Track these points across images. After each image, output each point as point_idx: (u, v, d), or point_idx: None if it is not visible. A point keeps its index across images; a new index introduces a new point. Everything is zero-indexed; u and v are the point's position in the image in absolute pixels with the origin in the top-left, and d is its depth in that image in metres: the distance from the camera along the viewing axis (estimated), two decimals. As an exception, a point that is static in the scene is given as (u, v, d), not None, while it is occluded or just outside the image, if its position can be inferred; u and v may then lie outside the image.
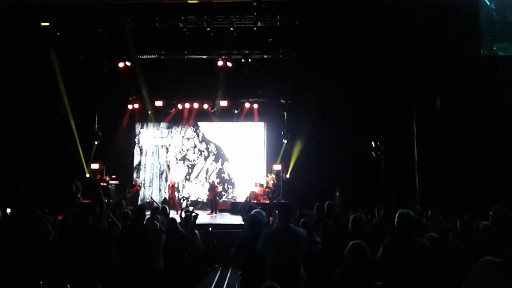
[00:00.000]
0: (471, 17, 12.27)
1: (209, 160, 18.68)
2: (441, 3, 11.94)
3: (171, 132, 18.84)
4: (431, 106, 13.24)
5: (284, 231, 4.73)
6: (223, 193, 18.06)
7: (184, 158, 18.71)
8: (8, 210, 8.20)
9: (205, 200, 17.41)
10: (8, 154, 13.70)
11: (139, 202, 16.16)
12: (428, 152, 13.03)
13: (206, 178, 18.35)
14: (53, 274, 4.41)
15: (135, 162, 18.65)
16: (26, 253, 4.57)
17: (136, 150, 18.78)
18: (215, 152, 18.72)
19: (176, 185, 17.12)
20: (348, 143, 14.39)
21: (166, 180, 17.25)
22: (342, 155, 14.42)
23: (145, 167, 18.73)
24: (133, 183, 17.14)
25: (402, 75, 13.34)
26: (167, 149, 18.82)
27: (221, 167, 18.60)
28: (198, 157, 18.72)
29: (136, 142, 18.78)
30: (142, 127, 18.87)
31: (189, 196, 18.28)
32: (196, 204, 17.52)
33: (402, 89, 13.49)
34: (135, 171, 18.50)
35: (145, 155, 18.80)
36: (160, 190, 18.47)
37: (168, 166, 18.55)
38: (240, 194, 17.57)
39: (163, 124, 18.72)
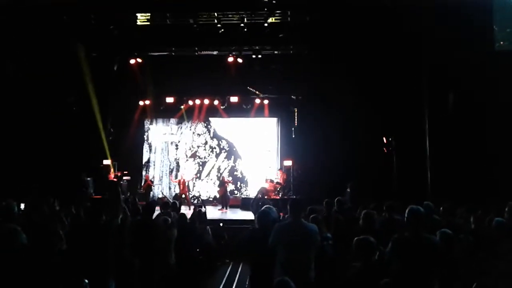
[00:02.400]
0: (485, 10, 12.11)
1: (221, 157, 18.46)
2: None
3: (181, 128, 18.69)
4: (443, 102, 13.12)
5: (295, 226, 4.74)
6: (235, 191, 17.90)
7: (194, 155, 18.52)
8: (22, 206, 8.33)
9: (217, 196, 17.27)
10: (21, 150, 13.87)
11: (151, 198, 16.26)
12: (440, 148, 12.92)
13: (217, 176, 18.02)
14: (67, 270, 4.45)
15: (144, 159, 18.53)
16: (39, 249, 4.60)
17: (145, 147, 18.66)
18: (227, 149, 18.48)
19: (187, 183, 16.97)
20: (359, 139, 14.32)
21: (176, 177, 17.27)
22: (353, 151, 14.35)
23: (154, 164, 18.59)
24: (144, 178, 17.22)
25: (414, 71, 13.23)
26: (176, 145, 18.64)
27: (233, 164, 18.37)
28: (209, 154, 18.51)
29: (145, 138, 18.68)
30: (151, 123, 18.73)
31: (199, 195, 18.10)
32: (208, 203, 17.26)
33: (414, 85, 13.38)
34: (144, 169, 18.38)
35: (154, 152, 18.65)
36: (170, 188, 18.31)
37: (177, 163, 18.50)
38: (253, 192, 17.24)
39: (172, 120, 18.57)
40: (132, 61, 15.33)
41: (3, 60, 13.04)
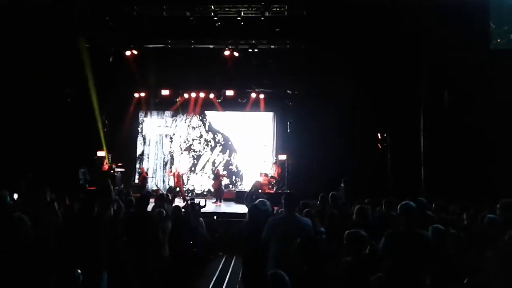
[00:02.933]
0: (482, 7, 12.13)
1: (216, 151, 18.32)
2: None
3: (176, 120, 18.50)
4: (439, 99, 13.17)
5: (289, 220, 4.76)
6: (230, 186, 17.75)
7: (189, 149, 18.36)
8: (15, 196, 8.28)
9: (211, 189, 17.17)
10: (16, 141, 13.81)
11: (145, 191, 16.19)
12: (434, 144, 12.98)
13: (212, 170, 17.83)
14: (60, 261, 4.44)
15: (138, 152, 18.34)
16: (32, 240, 4.57)
17: (139, 140, 18.46)
18: (222, 143, 18.32)
19: (181, 175, 16.88)
20: (354, 135, 14.36)
21: (171, 170, 17.23)
22: (348, 147, 14.40)
23: (148, 157, 18.39)
24: (139, 171, 17.14)
25: (411, 68, 13.25)
26: (171, 138, 18.45)
27: (228, 158, 18.22)
28: (204, 148, 18.36)
29: (139, 131, 18.48)
30: (145, 115, 18.52)
31: (194, 188, 17.96)
32: (202, 196, 17.17)
33: (410, 81, 13.41)
34: (138, 161, 18.21)
35: (149, 145, 18.46)
36: (164, 181, 18.13)
37: (172, 157, 18.34)
38: (248, 186, 17.09)
39: (167, 113, 18.39)
40: (128, 53, 15.25)
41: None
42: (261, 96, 17.17)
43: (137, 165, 18.11)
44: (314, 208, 6.35)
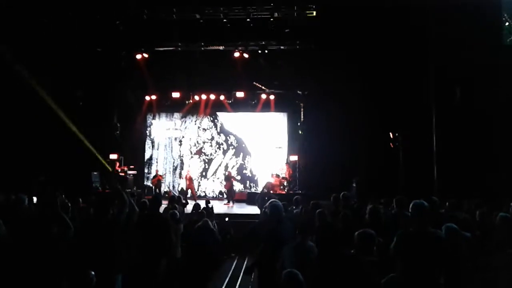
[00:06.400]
0: (495, 3, 12.01)
1: (229, 154, 17.89)
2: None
3: (185, 122, 18.15)
4: (450, 97, 13.06)
5: (303, 249, 4.68)
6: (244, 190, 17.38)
7: (200, 152, 17.98)
8: (35, 199, 8.39)
9: (223, 191, 16.99)
10: (28, 144, 13.97)
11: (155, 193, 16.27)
12: (446, 143, 12.88)
13: (224, 174, 17.15)
14: (73, 262, 4.49)
15: (147, 156, 18.06)
16: (49, 241, 4.64)
17: (148, 143, 18.16)
18: (235, 145, 17.88)
19: (193, 177, 16.83)
20: (365, 134, 14.29)
21: (180, 176, 17.15)
22: (359, 146, 14.33)
23: (157, 162, 18.03)
24: (155, 173, 17.07)
25: (421, 65, 13.16)
26: (180, 142, 18.11)
27: (242, 162, 17.76)
28: (216, 151, 17.96)
29: (148, 134, 18.20)
30: (153, 118, 18.19)
31: (205, 195, 17.39)
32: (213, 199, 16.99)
33: (421, 79, 13.32)
34: (147, 166, 17.99)
35: (157, 149, 18.13)
36: (174, 187, 17.85)
37: (182, 161, 18.18)
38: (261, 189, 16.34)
39: (176, 115, 18.11)
40: (139, 56, 15.36)
41: (12, 54, 13.11)
42: (272, 97, 17.10)
43: (146, 170, 17.99)
44: (326, 209, 6.33)
